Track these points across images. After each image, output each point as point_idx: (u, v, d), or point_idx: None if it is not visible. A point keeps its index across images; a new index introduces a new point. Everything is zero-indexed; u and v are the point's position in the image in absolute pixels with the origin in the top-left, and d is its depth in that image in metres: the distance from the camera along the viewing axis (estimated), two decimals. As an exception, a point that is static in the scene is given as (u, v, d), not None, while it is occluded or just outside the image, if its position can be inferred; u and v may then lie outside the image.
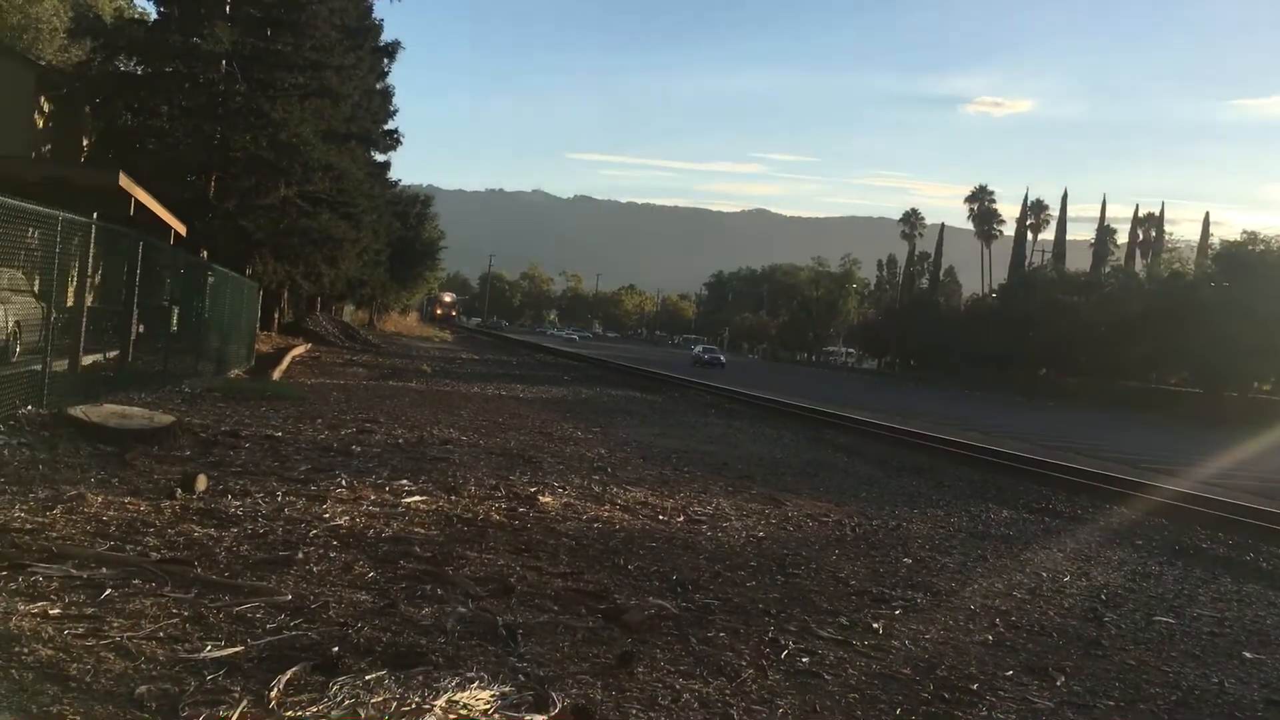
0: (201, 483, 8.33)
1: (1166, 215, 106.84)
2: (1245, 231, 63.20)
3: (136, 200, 18.82)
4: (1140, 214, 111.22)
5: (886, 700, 5.20)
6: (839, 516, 11.12)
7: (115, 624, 4.89)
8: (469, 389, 25.82)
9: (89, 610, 5.07)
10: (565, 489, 10.70)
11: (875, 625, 6.54)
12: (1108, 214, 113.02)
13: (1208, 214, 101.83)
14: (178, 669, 4.40)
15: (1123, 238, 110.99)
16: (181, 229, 23.95)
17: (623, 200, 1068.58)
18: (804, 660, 5.64)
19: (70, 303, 14.02)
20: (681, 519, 9.77)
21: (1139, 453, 27.20)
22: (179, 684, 4.24)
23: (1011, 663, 6.11)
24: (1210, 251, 75.42)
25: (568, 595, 6.37)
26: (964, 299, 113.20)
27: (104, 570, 5.73)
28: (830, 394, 44.40)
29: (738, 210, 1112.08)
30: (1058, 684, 5.82)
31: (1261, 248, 60.50)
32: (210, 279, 21.95)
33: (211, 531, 6.96)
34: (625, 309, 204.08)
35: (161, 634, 4.82)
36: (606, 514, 9.51)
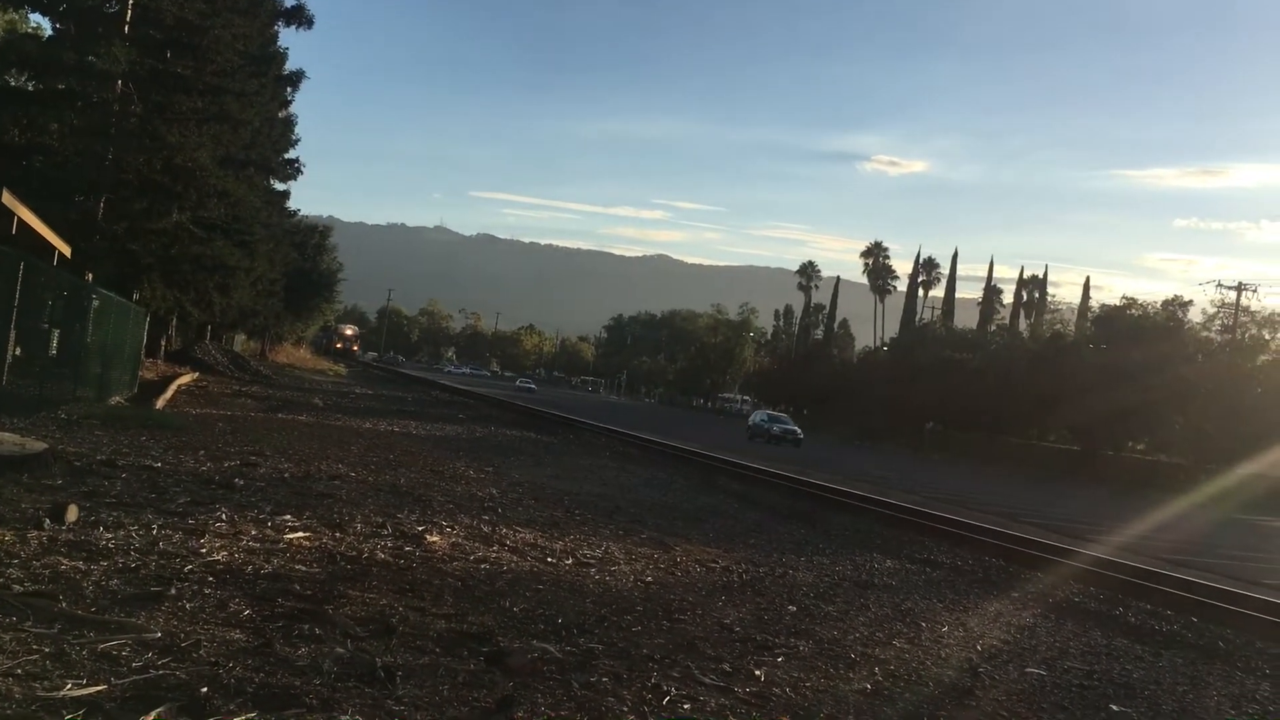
0: (72, 513, 8.02)
1: (1050, 278, 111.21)
2: (1125, 297, 65.87)
3: (20, 218, 18.23)
4: (1025, 275, 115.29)
5: (765, 747, 5.23)
6: (727, 563, 11.19)
7: (-30, 660, 4.67)
8: (361, 424, 25.40)
9: (-58, 645, 4.83)
10: (454, 528, 10.58)
11: (757, 672, 6.58)
12: (995, 274, 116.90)
13: (1088, 278, 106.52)
14: (35, 708, 4.21)
15: (1008, 298, 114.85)
16: (66, 250, 23.25)
17: (525, 240, 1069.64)
18: (685, 706, 5.65)
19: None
20: (570, 562, 9.72)
21: (1019, 507, 28.00)
22: (35, 724, 4.06)
23: (889, 712, 6.20)
24: (1090, 314, 78.40)
25: (450, 637, 6.28)
26: (857, 351, 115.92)
27: (-39, 603, 5.47)
28: (724, 441, 44.80)
29: (639, 255, 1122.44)
30: (932, 733, 5.93)
31: (1139, 313, 63.09)
32: (94, 302, 21.26)
33: (80, 564, 6.70)
34: (524, 349, 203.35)
35: (20, 671, 4.61)
36: (494, 555, 9.42)
